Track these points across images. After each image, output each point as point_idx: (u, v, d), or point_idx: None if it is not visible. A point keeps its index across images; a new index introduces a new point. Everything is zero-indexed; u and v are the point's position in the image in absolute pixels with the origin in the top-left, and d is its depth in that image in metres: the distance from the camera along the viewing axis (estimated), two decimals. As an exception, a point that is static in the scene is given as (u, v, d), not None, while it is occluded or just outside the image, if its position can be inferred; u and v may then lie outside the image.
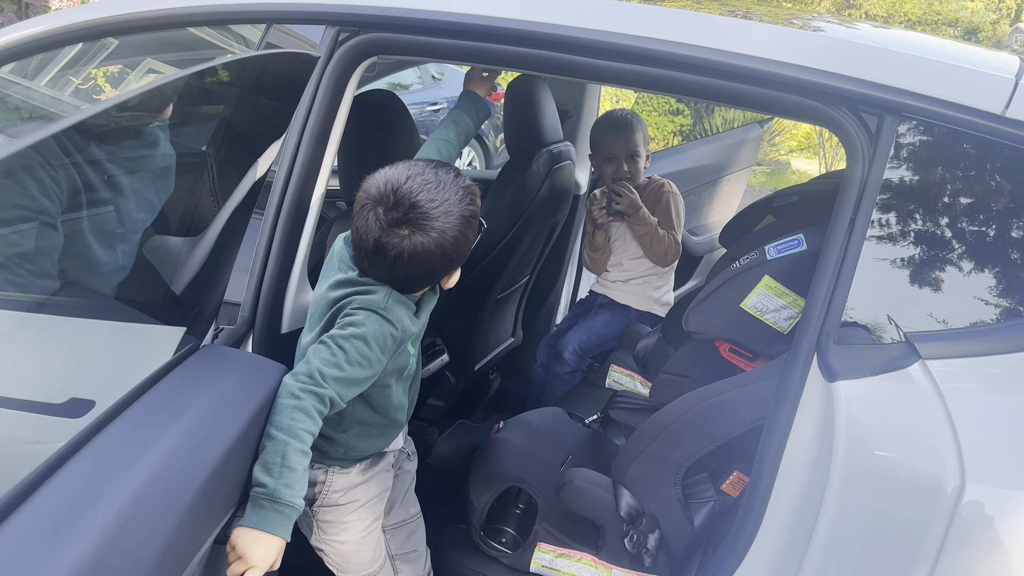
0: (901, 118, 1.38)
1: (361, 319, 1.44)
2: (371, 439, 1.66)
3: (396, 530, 1.84)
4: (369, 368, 1.44)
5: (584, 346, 2.88)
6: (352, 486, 1.67)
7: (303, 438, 1.31)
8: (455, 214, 1.43)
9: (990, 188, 1.37)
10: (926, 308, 1.37)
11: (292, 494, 1.26)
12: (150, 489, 0.97)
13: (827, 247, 1.42)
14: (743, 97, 1.49)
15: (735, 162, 3.83)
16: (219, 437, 1.17)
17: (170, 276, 1.70)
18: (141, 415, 1.11)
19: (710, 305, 1.76)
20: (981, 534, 1.21)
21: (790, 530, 1.45)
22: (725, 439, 1.69)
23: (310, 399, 1.34)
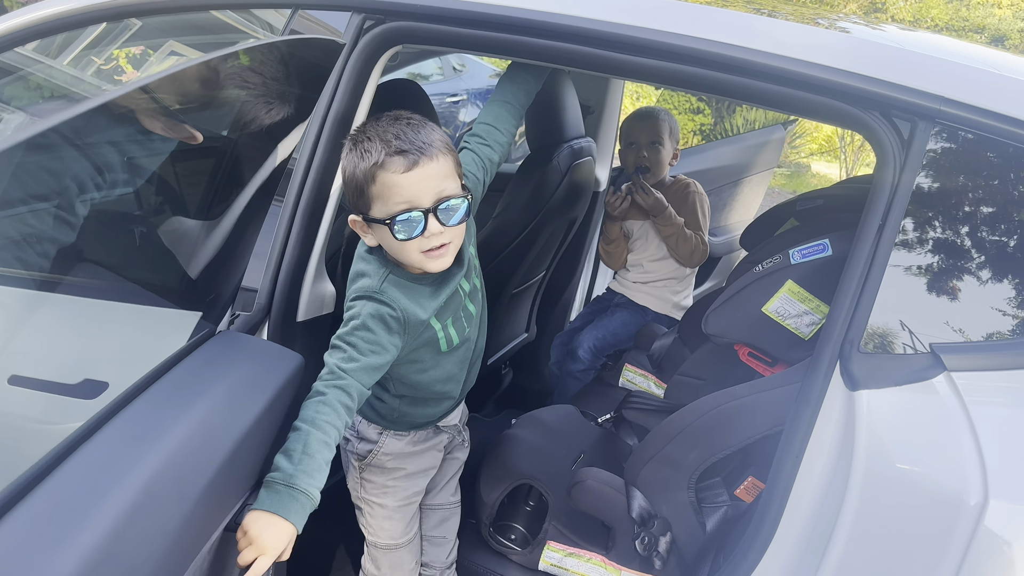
0: (935, 124, 1.35)
1: (358, 308, 1.46)
2: (421, 407, 1.68)
3: (432, 511, 1.86)
4: (385, 353, 1.45)
5: (599, 345, 2.87)
6: (402, 453, 1.71)
7: (326, 430, 1.31)
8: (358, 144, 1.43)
9: (1022, 199, 1.33)
10: (953, 319, 1.35)
11: (309, 482, 1.25)
12: (163, 476, 0.96)
13: (854, 253, 1.39)
14: (772, 97, 1.46)
15: (757, 163, 3.79)
16: (232, 425, 1.16)
17: (187, 260, 1.69)
18: (155, 401, 1.10)
19: (731, 308, 1.74)
20: (1004, 552, 1.18)
21: (805, 540, 1.43)
22: (741, 444, 1.67)
23: (333, 393, 1.36)
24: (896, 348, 1.35)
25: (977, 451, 1.23)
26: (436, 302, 1.53)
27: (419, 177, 1.39)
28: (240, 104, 1.75)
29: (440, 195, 1.41)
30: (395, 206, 1.40)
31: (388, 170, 1.39)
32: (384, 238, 1.45)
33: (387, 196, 1.41)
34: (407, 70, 6.15)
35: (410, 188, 1.39)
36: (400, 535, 1.76)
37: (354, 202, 1.48)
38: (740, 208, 3.85)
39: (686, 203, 2.78)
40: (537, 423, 2.17)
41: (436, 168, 1.41)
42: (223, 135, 1.82)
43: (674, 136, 2.79)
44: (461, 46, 1.79)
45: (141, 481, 0.93)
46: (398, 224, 1.39)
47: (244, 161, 1.74)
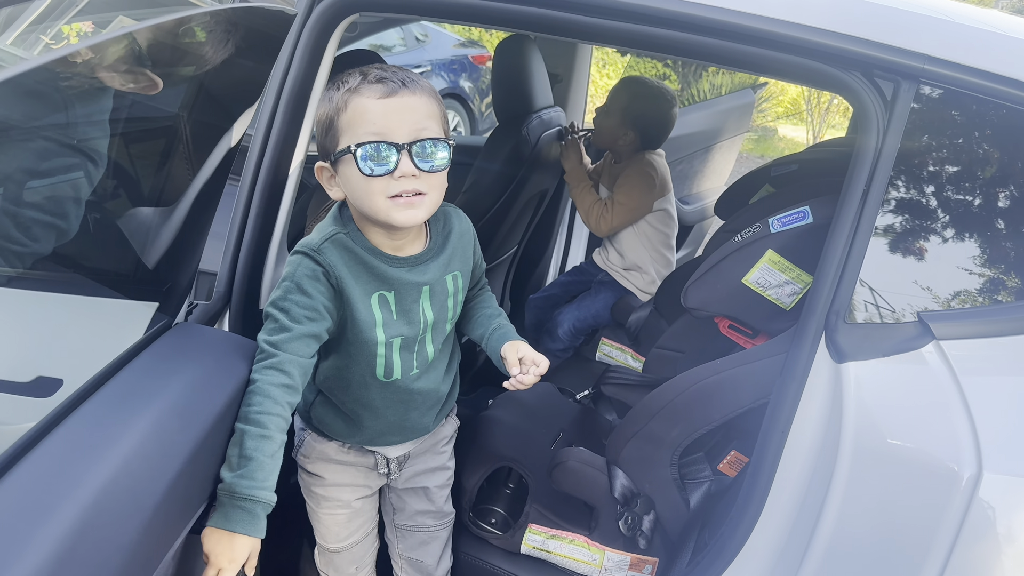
0: (919, 84, 1.30)
1: (292, 267, 1.33)
2: (336, 419, 1.52)
3: (407, 532, 1.72)
4: (321, 319, 1.31)
5: (579, 326, 2.82)
6: (323, 458, 1.57)
7: (261, 422, 1.18)
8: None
9: (1012, 160, 1.29)
10: (941, 286, 1.31)
11: (252, 486, 1.15)
12: (115, 488, 0.89)
13: (838, 221, 1.34)
14: (748, 60, 1.40)
15: (727, 129, 3.75)
16: (191, 425, 1.09)
17: (140, 247, 1.60)
18: (105, 404, 1.02)
19: (710, 280, 1.69)
20: (999, 525, 1.15)
21: (793, 516, 1.39)
22: (724, 419, 1.63)
23: (265, 375, 1.23)
24: (883, 318, 1.31)
25: (969, 422, 1.19)
26: (385, 286, 1.38)
27: (396, 107, 1.25)
28: (188, 80, 1.65)
29: (419, 132, 1.26)
30: (364, 135, 1.25)
31: (362, 95, 1.26)
32: (348, 179, 1.29)
33: (356, 124, 1.26)
34: (367, 41, 5.98)
35: (384, 117, 1.25)
36: (332, 540, 1.65)
37: (322, 143, 1.34)
38: (712, 175, 3.81)
39: (631, 173, 2.68)
40: (515, 403, 2.12)
41: (418, 102, 1.28)
42: (170, 113, 1.72)
43: (631, 115, 2.65)
44: (421, 13, 1.71)
45: (90, 495, 0.86)
46: (363, 153, 1.24)
47: (195, 140, 1.65)
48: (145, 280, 1.58)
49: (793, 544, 1.39)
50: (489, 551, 1.84)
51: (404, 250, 1.40)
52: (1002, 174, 1.30)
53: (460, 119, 7.83)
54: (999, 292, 1.28)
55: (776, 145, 10.54)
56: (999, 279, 1.28)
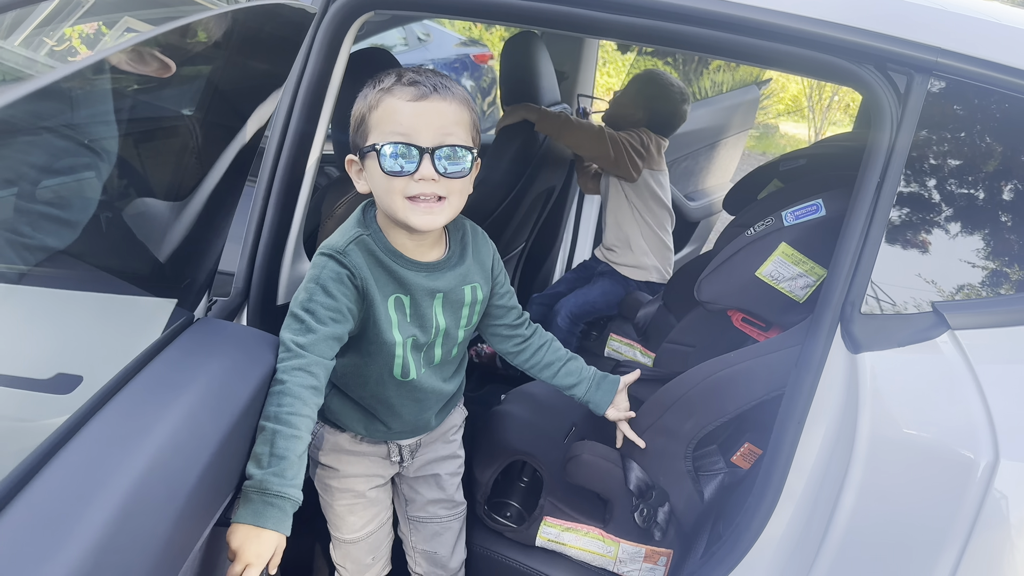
0: (932, 77, 1.31)
1: (317, 269, 1.35)
2: (348, 412, 1.55)
3: (420, 524, 1.74)
4: (345, 321, 1.34)
5: (577, 312, 2.82)
6: (336, 449, 1.60)
7: (292, 423, 1.21)
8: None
9: None
10: (956, 276, 1.32)
11: (282, 484, 1.16)
12: (151, 477, 0.91)
13: (852, 213, 1.36)
14: (761, 54, 1.41)
15: (732, 125, 3.76)
16: (220, 417, 1.10)
17: (159, 245, 1.61)
18: (136, 396, 1.03)
19: (723, 274, 1.70)
20: (1016, 512, 1.17)
21: (809, 507, 1.41)
22: (738, 411, 1.64)
23: (294, 377, 1.25)
24: (898, 308, 1.33)
25: (985, 411, 1.21)
26: (401, 289, 1.41)
27: (425, 110, 1.28)
28: (204, 80, 1.67)
29: (444, 138, 1.29)
30: (390, 135, 1.28)
31: (394, 95, 1.29)
32: (372, 175, 1.33)
33: (385, 123, 1.29)
34: (369, 41, 6.00)
35: (412, 119, 1.28)
36: (348, 531, 1.66)
37: (353, 137, 1.37)
38: (717, 171, 3.83)
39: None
40: (527, 397, 2.13)
41: (447, 108, 1.30)
42: (188, 113, 1.74)
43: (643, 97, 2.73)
44: (435, 10, 1.73)
45: (129, 484, 0.87)
46: (387, 153, 1.27)
47: (213, 138, 1.66)
48: (164, 277, 1.60)
49: (810, 534, 1.41)
50: (504, 544, 1.85)
51: (424, 254, 1.43)
52: (1016, 166, 1.31)
53: (462, 118, 7.82)
54: (1013, 282, 1.29)
55: (778, 142, 10.55)
56: (1013, 269, 1.30)
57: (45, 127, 1.48)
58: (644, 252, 2.81)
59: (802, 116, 12.12)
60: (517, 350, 1.68)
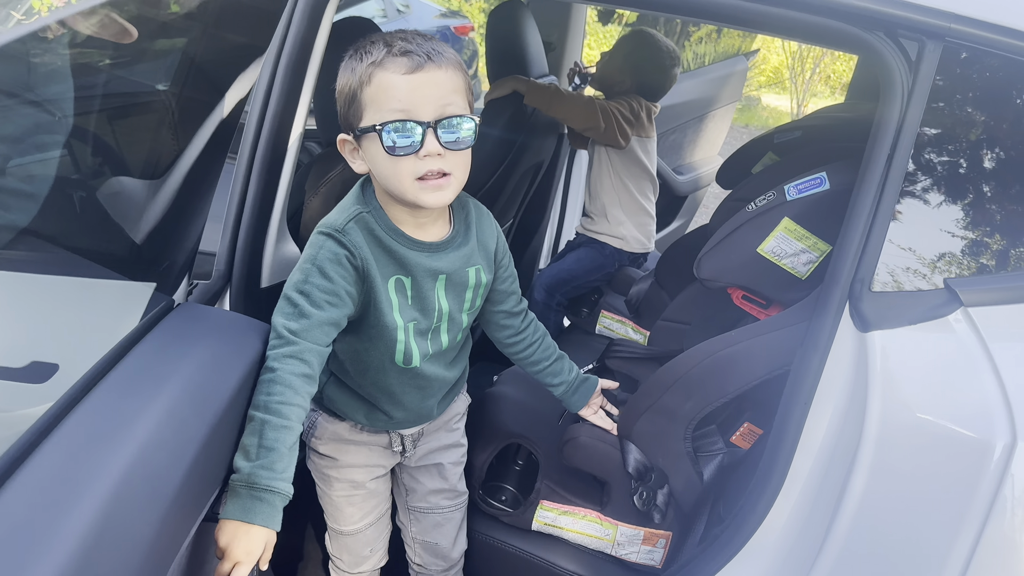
0: (945, 44, 1.25)
1: (314, 249, 1.28)
2: (347, 400, 1.49)
3: (421, 514, 1.69)
4: (342, 304, 1.27)
5: (551, 283, 2.77)
6: (336, 439, 1.54)
7: (283, 413, 1.14)
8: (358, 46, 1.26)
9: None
10: (968, 251, 1.28)
11: (272, 476, 1.10)
12: (134, 476, 0.85)
13: (861, 187, 1.31)
14: (767, 20, 1.35)
15: (721, 97, 3.70)
16: (204, 410, 1.04)
17: (136, 226, 1.54)
18: (117, 389, 0.97)
19: (724, 250, 1.65)
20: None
21: (815, 489, 1.37)
22: (738, 391, 1.60)
23: (286, 365, 1.19)
24: (909, 285, 1.28)
25: (1001, 390, 1.17)
26: (402, 271, 1.34)
27: (421, 82, 1.20)
28: (181, 52, 1.59)
29: (444, 109, 1.22)
30: (389, 113, 1.20)
31: (387, 69, 1.20)
32: (374, 157, 1.25)
33: (381, 100, 1.21)
34: (347, 13, 5.85)
35: (410, 93, 1.20)
36: (346, 523, 1.61)
37: (344, 115, 1.29)
38: (705, 145, 3.77)
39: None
40: (520, 378, 2.08)
41: (443, 77, 1.22)
42: (163, 88, 1.66)
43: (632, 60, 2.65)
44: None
45: (111, 485, 0.81)
46: (391, 133, 1.20)
47: (190, 113, 1.59)
48: (141, 260, 1.53)
49: (815, 519, 1.37)
50: (500, 529, 1.81)
51: (426, 233, 1.36)
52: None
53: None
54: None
55: (760, 114, 10.51)
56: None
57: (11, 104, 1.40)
58: (619, 222, 2.74)
59: (783, 88, 12.09)
60: (509, 342, 1.65)
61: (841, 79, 12.29)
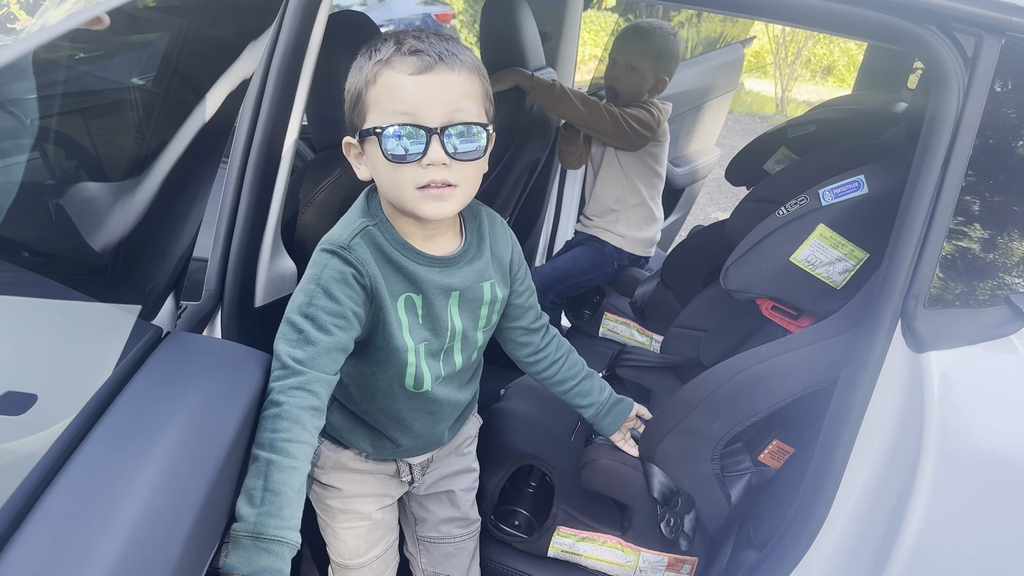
0: (1005, 38, 1.15)
1: (317, 268, 1.16)
2: (352, 427, 1.38)
3: (432, 544, 1.58)
4: (350, 328, 1.16)
5: (544, 280, 2.64)
6: (339, 468, 1.43)
7: (290, 451, 1.03)
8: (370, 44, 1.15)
9: (1113, 122, 1.16)
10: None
11: (279, 525, 0.98)
12: (128, 558, 0.73)
13: (915, 194, 1.20)
14: (811, 14, 1.25)
15: (718, 86, 3.59)
16: (204, 462, 0.92)
17: (118, 244, 1.41)
18: (102, 451, 0.84)
19: (754, 259, 1.54)
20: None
21: (862, 522, 1.28)
22: (771, 409, 1.50)
23: (293, 397, 1.07)
24: (967, 301, 1.18)
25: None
26: (413, 288, 1.24)
27: (429, 84, 1.09)
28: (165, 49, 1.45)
29: (453, 115, 1.11)
30: (392, 115, 1.10)
31: (394, 68, 1.10)
32: (375, 162, 1.15)
33: (385, 102, 1.11)
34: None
35: (415, 95, 1.09)
36: (351, 556, 1.49)
37: (349, 117, 1.18)
38: (702, 135, 3.66)
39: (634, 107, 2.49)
40: (528, 391, 1.97)
41: (456, 80, 1.11)
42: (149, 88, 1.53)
43: (661, 63, 2.45)
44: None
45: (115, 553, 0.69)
46: (389, 136, 1.09)
47: (176, 117, 1.45)
48: (124, 280, 1.40)
49: (862, 552, 1.27)
50: (513, 556, 1.71)
51: (437, 246, 1.24)
52: (1103, 139, 1.17)
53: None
54: (1100, 271, 1.16)
55: (744, 99, 10.43)
56: (1100, 256, 1.16)
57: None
58: (627, 223, 2.62)
59: (765, 73, 12.03)
60: (530, 361, 1.52)
61: (821, 62, 12.25)
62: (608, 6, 13.05)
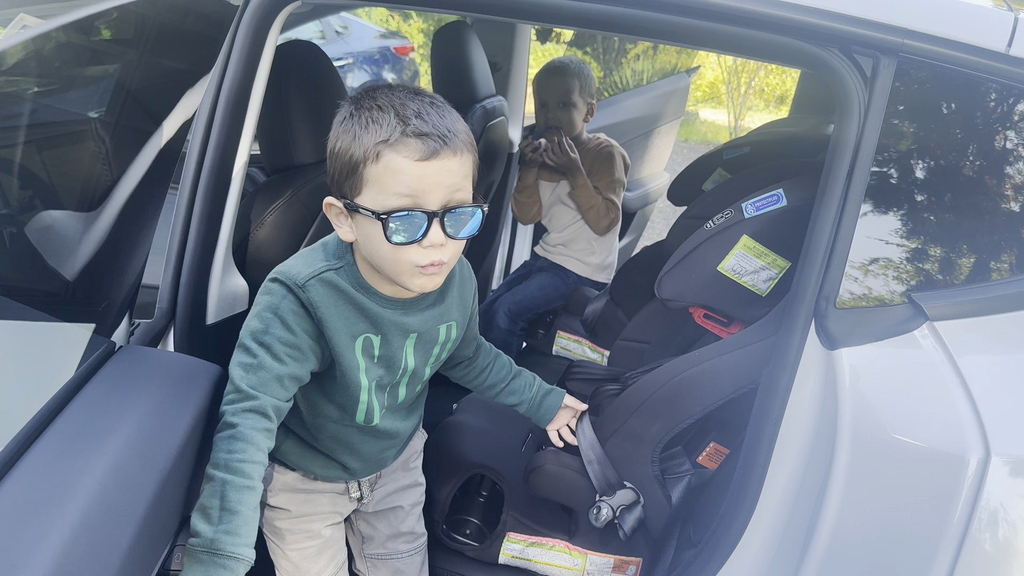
0: (899, 59, 1.26)
1: (272, 298, 1.17)
2: (302, 452, 1.41)
3: (380, 561, 1.60)
4: (304, 360, 1.18)
5: (516, 309, 2.72)
6: (285, 490, 1.45)
7: (245, 471, 1.06)
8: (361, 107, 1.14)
9: (995, 132, 1.27)
10: (931, 265, 1.28)
11: (235, 542, 1.02)
12: (77, 545, 0.77)
13: (822, 204, 1.30)
14: (720, 39, 1.34)
15: (665, 113, 3.72)
16: (152, 464, 0.97)
17: (71, 263, 1.45)
18: (57, 446, 0.89)
19: (684, 269, 1.63)
20: (1013, 511, 1.13)
21: (788, 512, 1.35)
22: (705, 411, 1.58)
23: (246, 420, 1.10)
24: (874, 300, 1.28)
25: (971, 405, 1.16)
26: (372, 329, 1.26)
27: (434, 171, 1.10)
28: (116, 79, 1.51)
29: (452, 199, 1.13)
30: (394, 198, 1.10)
31: (399, 152, 1.09)
32: (369, 236, 1.15)
33: (386, 184, 1.11)
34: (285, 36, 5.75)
35: (420, 181, 1.10)
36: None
37: (338, 180, 1.17)
38: (651, 160, 3.78)
39: (601, 164, 2.62)
40: (480, 405, 2.03)
41: (457, 165, 1.12)
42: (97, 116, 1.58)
43: (587, 91, 2.59)
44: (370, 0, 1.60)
45: (51, 558, 0.74)
46: (396, 223, 1.10)
47: (126, 142, 1.51)
48: (78, 299, 1.44)
49: (789, 541, 1.35)
50: (465, 564, 1.75)
51: (398, 288, 1.25)
52: (986, 146, 1.28)
53: (385, 113, 7.65)
54: (991, 268, 1.26)
55: (699, 128, 10.68)
56: (989, 256, 1.26)
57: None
58: (591, 252, 2.72)
59: (720, 102, 12.33)
60: (461, 373, 1.60)
61: (775, 92, 12.60)
62: (566, 40, 13.35)
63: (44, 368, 1.19)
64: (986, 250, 1.26)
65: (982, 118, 1.27)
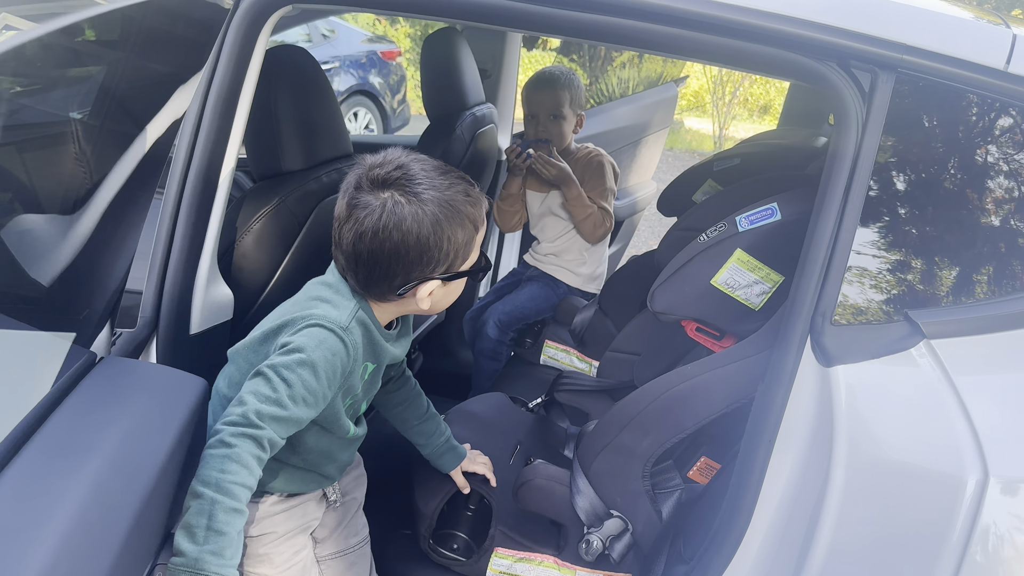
0: (897, 74, 1.25)
1: (311, 340, 1.21)
2: (286, 479, 1.41)
3: (333, 560, 1.60)
4: (314, 406, 1.22)
5: (505, 320, 2.69)
6: (266, 516, 1.43)
7: (236, 493, 1.06)
8: (446, 196, 1.24)
9: (994, 149, 1.26)
10: (928, 283, 1.27)
11: (220, 563, 1.01)
12: (70, 549, 0.74)
13: (819, 219, 1.29)
14: (720, 52, 1.33)
15: (653, 123, 3.71)
16: (136, 480, 0.94)
17: (50, 271, 1.41)
18: (36, 462, 0.85)
19: (677, 283, 1.61)
20: (1013, 531, 1.12)
21: (781, 530, 1.34)
22: (696, 426, 1.56)
23: (246, 445, 1.10)
24: (870, 318, 1.26)
25: (968, 424, 1.15)
26: (374, 359, 1.37)
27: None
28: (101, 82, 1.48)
29: None
30: (475, 253, 1.34)
31: (479, 230, 1.33)
32: (454, 290, 1.36)
33: (473, 250, 1.33)
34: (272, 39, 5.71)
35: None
36: None
37: (437, 261, 1.27)
38: (639, 169, 3.77)
39: (592, 174, 2.60)
40: (468, 417, 2.00)
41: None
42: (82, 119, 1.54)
43: (576, 103, 2.56)
44: (358, 5, 1.58)
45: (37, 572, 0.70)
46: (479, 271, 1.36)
47: (110, 146, 1.47)
48: (57, 308, 1.40)
49: (782, 560, 1.33)
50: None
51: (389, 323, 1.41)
52: (987, 166, 1.27)
53: (372, 116, 7.62)
54: (987, 287, 1.25)
55: (684, 137, 10.71)
56: (987, 274, 1.25)
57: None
58: (582, 262, 2.70)
59: (704, 111, 12.39)
60: (382, 397, 1.64)
61: (758, 101, 12.68)
62: (553, 47, 13.38)
63: (20, 381, 1.16)
64: (983, 268, 1.25)
65: (980, 135, 1.27)
